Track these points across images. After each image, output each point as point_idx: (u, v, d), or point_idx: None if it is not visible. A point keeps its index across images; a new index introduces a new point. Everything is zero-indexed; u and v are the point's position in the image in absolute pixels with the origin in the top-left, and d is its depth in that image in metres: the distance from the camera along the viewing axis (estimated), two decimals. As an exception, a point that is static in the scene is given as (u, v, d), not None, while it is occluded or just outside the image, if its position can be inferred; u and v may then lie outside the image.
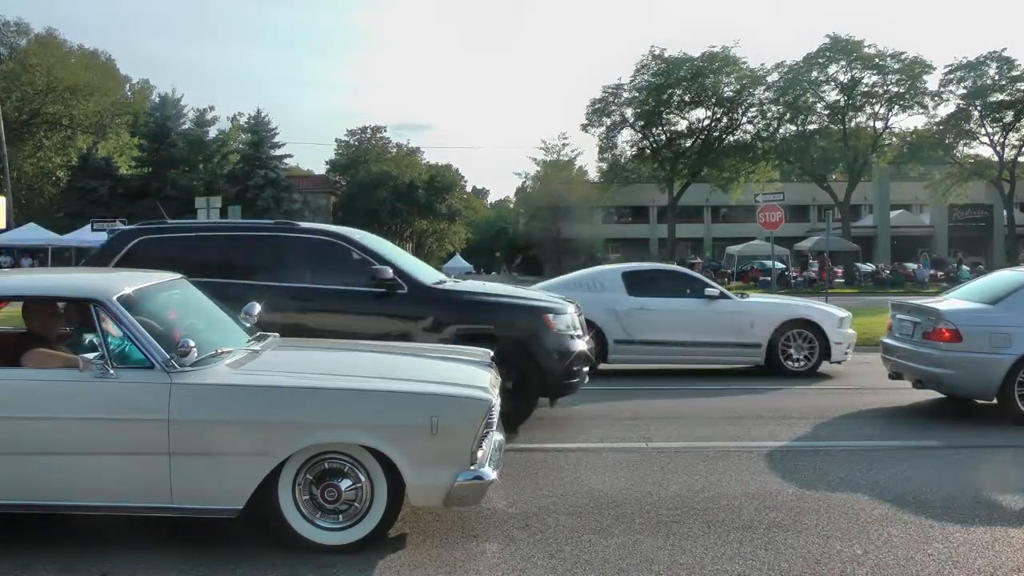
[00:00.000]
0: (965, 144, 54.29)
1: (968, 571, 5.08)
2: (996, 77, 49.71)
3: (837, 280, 46.54)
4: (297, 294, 9.22)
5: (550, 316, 9.24)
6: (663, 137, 56.14)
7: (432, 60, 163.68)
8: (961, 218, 65.82)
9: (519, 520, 5.99)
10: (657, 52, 53.53)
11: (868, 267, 53.50)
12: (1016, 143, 51.51)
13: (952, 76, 50.04)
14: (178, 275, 6.62)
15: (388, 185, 77.74)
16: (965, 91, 50.32)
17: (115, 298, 5.43)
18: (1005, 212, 53.52)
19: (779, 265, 42.62)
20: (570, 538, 5.64)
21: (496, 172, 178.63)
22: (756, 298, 14.93)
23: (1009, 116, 49.99)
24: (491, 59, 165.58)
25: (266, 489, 5.24)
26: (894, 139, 54.55)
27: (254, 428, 5.19)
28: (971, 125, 51.92)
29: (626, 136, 57.64)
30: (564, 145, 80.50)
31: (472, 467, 5.28)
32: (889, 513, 6.17)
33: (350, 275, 9.37)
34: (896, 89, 50.00)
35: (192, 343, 5.27)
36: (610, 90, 55.75)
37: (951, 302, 10.55)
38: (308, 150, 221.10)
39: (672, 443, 8.57)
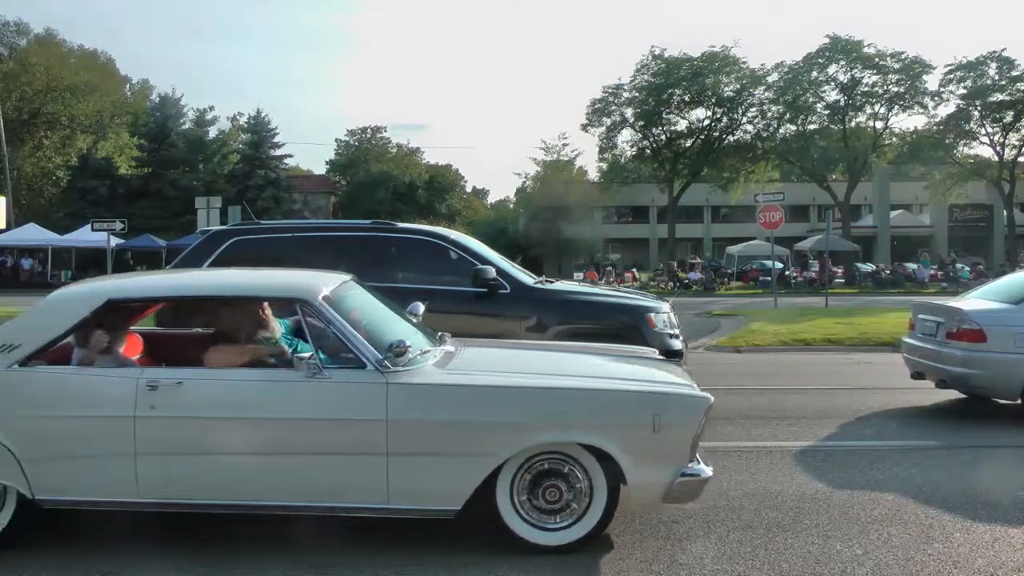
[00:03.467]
0: (965, 144, 54.28)
1: (968, 571, 5.09)
2: (996, 77, 49.68)
3: (837, 280, 46.48)
4: (396, 294, 9.17)
5: (651, 315, 9.24)
6: (663, 137, 56.07)
7: (431, 60, 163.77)
8: (961, 218, 65.81)
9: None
10: (657, 52, 53.53)
11: (868, 267, 53.41)
12: (1016, 143, 51.47)
13: (952, 76, 50.00)
14: (349, 275, 6.55)
15: (388, 185, 77.76)
16: (965, 91, 50.28)
17: (320, 298, 5.46)
18: (1005, 212, 53.52)
19: (779, 265, 42.60)
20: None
21: (496, 172, 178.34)
22: None
23: (1009, 116, 49.97)
24: (490, 59, 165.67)
25: (485, 489, 5.24)
26: (894, 139, 54.50)
27: (476, 429, 5.19)
28: (971, 125, 51.86)
29: (626, 136, 57.61)
30: (564, 145, 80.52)
31: (691, 464, 5.32)
32: (889, 513, 6.17)
33: (448, 275, 9.37)
34: (896, 89, 49.93)
35: (408, 343, 5.31)
36: (610, 90, 55.70)
37: (974, 302, 10.47)
38: (308, 150, 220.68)
39: (672, 443, 8.54)
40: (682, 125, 56.14)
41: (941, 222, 66.04)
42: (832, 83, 50.44)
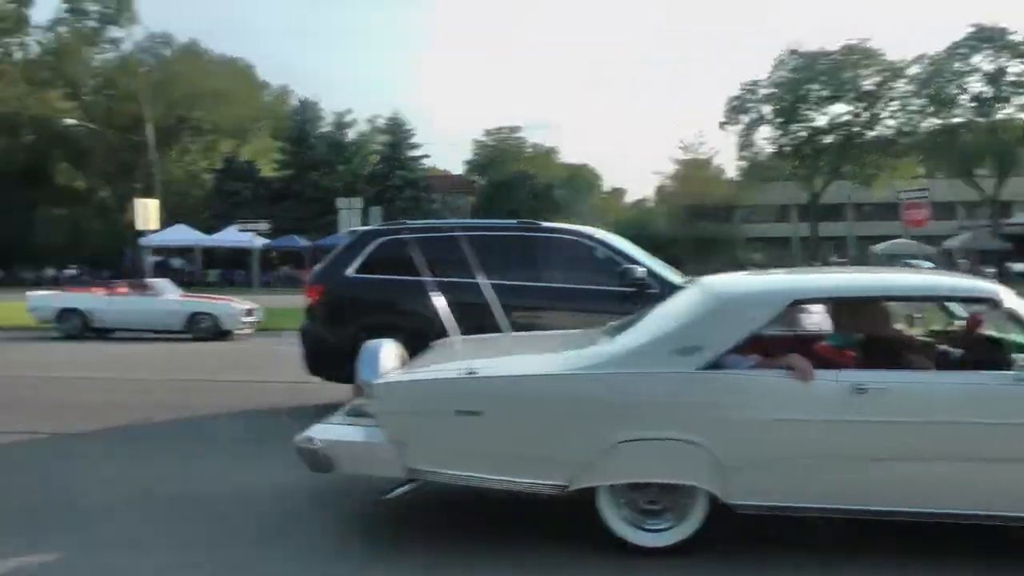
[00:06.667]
0: None
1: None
2: None
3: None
4: (542, 293, 9.20)
5: None
6: (802, 134, 55.01)
7: (560, 61, 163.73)
8: None
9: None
10: (794, 47, 52.61)
11: (1021, 266, 51.03)
12: None
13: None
14: None
15: (526, 185, 78.25)
16: None
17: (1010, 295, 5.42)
18: None
19: (927, 264, 40.99)
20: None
21: (633, 171, 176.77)
22: None
23: None
24: (623, 60, 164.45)
25: None
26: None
27: None
28: None
29: (765, 133, 56.79)
30: (702, 144, 79.88)
31: None
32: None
33: (595, 274, 9.37)
34: (1046, 78, 47.57)
35: None
36: (747, 87, 55.08)
37: None
38: (444, 150, 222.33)
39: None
40: (821, 121, 55.00)
41: (1104, 216, 62.60)
42: (977, 73, 48.31)
